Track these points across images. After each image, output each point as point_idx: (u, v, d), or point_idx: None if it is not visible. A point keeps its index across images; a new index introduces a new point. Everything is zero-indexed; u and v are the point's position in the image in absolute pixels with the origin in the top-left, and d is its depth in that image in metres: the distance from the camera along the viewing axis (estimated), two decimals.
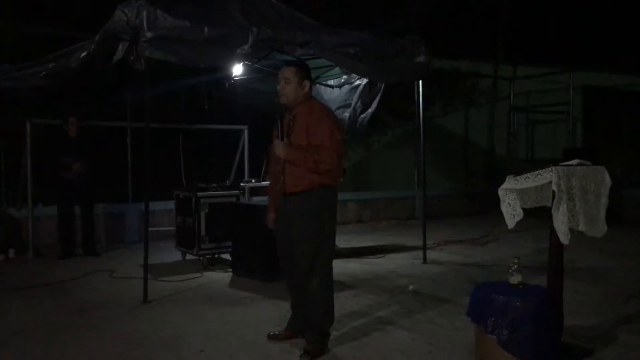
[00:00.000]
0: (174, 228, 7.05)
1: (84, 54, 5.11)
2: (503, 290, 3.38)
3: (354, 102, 7.21)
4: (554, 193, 3.40)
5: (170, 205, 7.25)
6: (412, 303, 4.99)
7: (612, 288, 5.45)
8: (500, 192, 3.63)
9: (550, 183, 3.40)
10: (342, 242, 7.85)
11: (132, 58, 4.86)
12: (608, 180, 3.70)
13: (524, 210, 3.59)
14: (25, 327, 4.39)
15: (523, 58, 13.95)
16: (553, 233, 3.47)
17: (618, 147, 12.86)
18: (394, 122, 11.76)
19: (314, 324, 3.76)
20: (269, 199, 3.97)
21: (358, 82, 7.16)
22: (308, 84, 3.84)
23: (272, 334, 4.03)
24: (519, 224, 3.66)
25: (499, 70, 13.72)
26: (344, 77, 7.29)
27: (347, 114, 7.30)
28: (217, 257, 6.73)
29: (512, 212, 3.60)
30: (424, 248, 6.92)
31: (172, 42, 4.85)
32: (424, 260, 6.81)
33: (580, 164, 3.63)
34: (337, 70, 7.06)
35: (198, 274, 6.16)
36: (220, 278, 6.04)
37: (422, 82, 6.73)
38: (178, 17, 4.80)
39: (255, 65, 6.94)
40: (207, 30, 4.85)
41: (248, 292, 5.41)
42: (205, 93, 7.85)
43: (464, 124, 13.41)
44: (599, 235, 3.63)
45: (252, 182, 7.26)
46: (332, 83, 7.51)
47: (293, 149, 3.68)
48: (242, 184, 7.25)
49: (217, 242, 6.56)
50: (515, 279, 3.47)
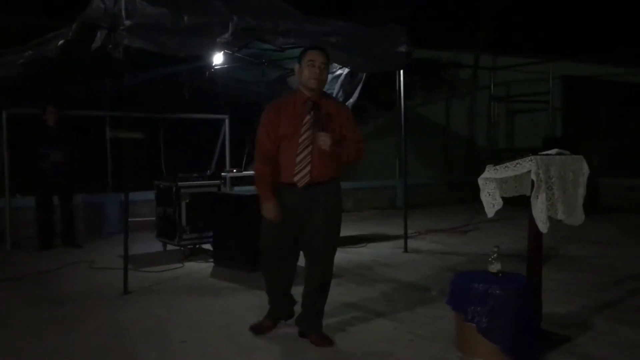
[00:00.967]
0: (155, 218, 7.00)
1: (62, 42, 5.03)
2: (483, 279, 3.41)
3: (336, 91, 7.21)
4: (533, 182, 3.43)
5: (151, 196, 7.19)
6: (393, 292, 5.03)
7: (589, 275, 5.54)
8: (480, 181, 3.66)
9: (530, 172, 3.43)
10: None
11: (110, 46, 4.79)
12: (586, 170, 3.74)
13: (504, 199, 3.63)
14: (3, 320, 4.33)
15: (503, 48, 14.04)
16: (532, 222, 3.51)
17: (596, 136, 13.03)
18: (376, 111, 11.78)
19: (320, 312, 3.86)
20: (265, 188, 3.66)
21: (339, 71, 7.15)
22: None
23: (254, 326, 4.00)
24: (499, 213, 3.70)
25: (480, 61, 13.79)
26: None
27: None
28: (198, 247, 6.70)
29: (491, 201, 3.63)
30: (405, 237, 6.97)
31: (151, 30, 4.79)
32: (405, 249, 6.86)
33: (559, 154, 3.67)
34: None
35: (179, 265, 6.13)
36: (202, 268, 6.02)
37: (403, 71, 6.74)
38: (157, 5, 4.73)
39: (236, 54, 6.89)
40: (186, 19, 4.80)
41: (230, 282, 5.40)
42: (186, 82, 7.79)
43: (445, 114, 13.48)
44: (577, 224, 3.68)
45: (233, 171, 7.23)
46: None
47: (336, 141, 3.60)
48: (223, 174, 7.21)
49: (198, 232, 6.53)
50: (495, 268, 3.50)
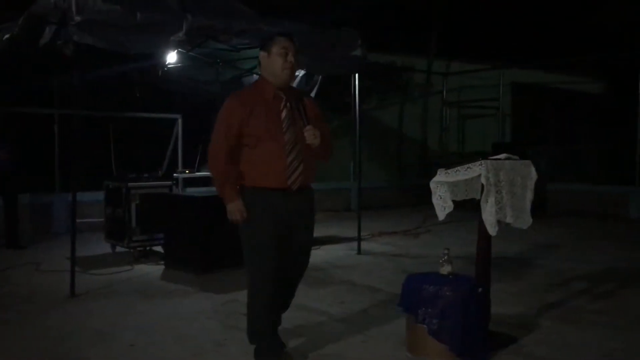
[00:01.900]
0: (104, 219, 6.83)
1: (7, 37, 4.86)
2: (433, 281, 3.47)
3: None
4: (483, 186, 3.51)
5: (100, 196, 7.02)
6: (346, 294, 5.05)
7: (536, 277, 5.70)
8: (432, 184, 3.72)
9: (480, 176, 3.51)
10: None
11: (60, 42, 4.66)
12: (534, 174, 3.85)
13: (455, 202, 3.69)
14: None
15: (456, 54, 14.33)
16: (481, 225, 3.58)
17: (544, 142, 13.44)
18: (331, 114, 11.83)
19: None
20: (230, 188, 3.30)
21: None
22: None
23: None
24: (451, 216, 3.76)
25: (433, 66, 14.03)
26: None
27: None
28: (148, 249, 6.57)
29: (443, 204, 3.69)
30: (359, 239, 7.01)
31: (102, 27, 4.68)
32: (359, 251, 6.91)
33: (508, 158, 3.76)
34: None
35: (128, 267, 6.00)
36: (152, 271, 5.90)
37: (358, 75, 6.79)
38: (109, 1, 4.62)
39: (190, 54, 6.80)
40: (139, 16, 4.71)
41: (181, 284, 5.32)
42: (138, 80, 7.64)
43: (399, 118, 13.65)
44: (525, 227, 3.78)
45: (186, 172, 7.13)
46: None
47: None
48: (175, 175, 7.10)
49: (148, 234, 6.40)
50: (446, 270, 3.56)
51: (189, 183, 8.08)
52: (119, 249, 6.61)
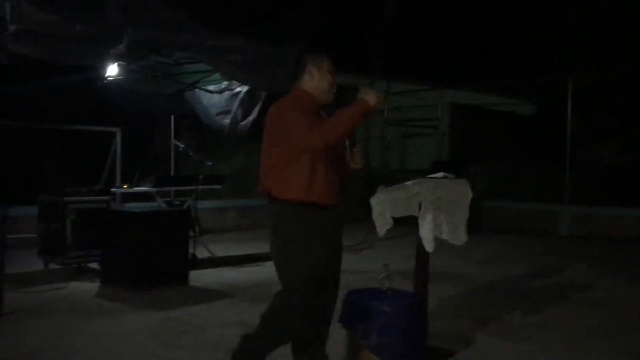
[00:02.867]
0: (37, 235, 6.57)
1: None
2: (373, 296, 3.52)
3: (235, 108, 7.20)
4: (421, 203, 3.60)
5: (34, 211, 6.75)
6: None
7: (472, 292, 5.86)
8: (372, 201, 3.79)
9: (418, 194, 3.61)
10: (220, 250, 7.75)
11: None
12: (469, 192, 3.97)
13: (395, 219, 3.77)
14: None
15: (398, 75, 14.68)
16: (419, 241, 3.68)
17: (480, 161, 13.88)
18: None
19: None
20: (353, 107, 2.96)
21: (239, 89, 7.15)
22: None
23: None
24: (392, 232, 3.83)
25: (375, 85, 14.30)
26: (225, 83, 7.24)
27: (227, 121, 7.26)
28: (84, 266, 6.36)
29: (383, 220, 3.77)
30: None
31: (40, 37, 4.55)
32: None
33: (445, 177, 3.88)
34: (217, 76, 6.99)
35: (63, 284, 5.79)
36: (88, 288, 5.72)
37: None
38: (47, 11, 4.51)
39: (132, 66, 6.69)
40: (78, 28, 4.61)
41: (118, 302, 5.17)
42: (77, 92, 7.44)
43: None
44: (461, 243, 3.88)
45: (124, 187, 6.95)
46: (212, 88, 7.42)
47: None
48: (113, 190, 6.92)
49: (84, 250, 6.20)
50: (385, 285, 3.62)
51: (128, 198, 7.89)
52: (53, 266, 6.37)
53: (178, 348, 3.85)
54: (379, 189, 3.77)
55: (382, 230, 3.76)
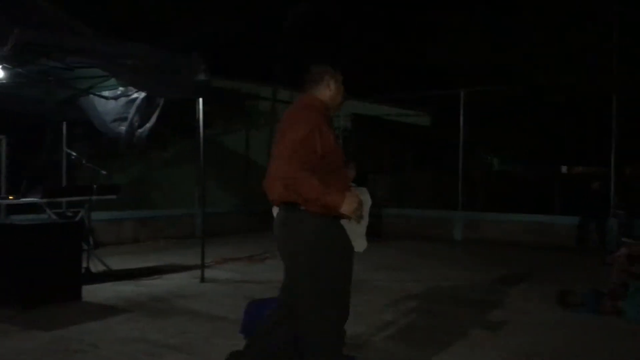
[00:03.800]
0: None
1: None
2: (275, 306, 3.49)
3: (131, 115, 6.94)
4: None
5: None
6: (187, 324, 4.90)
7: (372, 298, 5.98)
8: (274, 211, 3.76)
9: None
10: (116, 263, 7.42)
11: None
12: (369, 200, 4.06)
13: None
14: None
15: (300, 84, 14.82)
16: None
17: (381, 170, 14.31)
18: (175, 138, 11.56)
19: None
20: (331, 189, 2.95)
21: (136, 95, 6.90)
22: None
23: None
24: None
25: (278, 94, 14.36)
26: (121, 89, 6.96)
27: (123, 128, 6.99)
28: None
29: None
30: (202, 267, 6.87)
31: None
32: (202, 279, 6.76)
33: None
34: (113, 81, 6.71)
35: None
36: None
37: (202, 99, 6.73)
38: None
39: (19, 70, 6.26)
40: None
41: (1, 322, 4.79)
42: None
43: (245, 144, 13.73)
44: (361, 250, 3.93)
45: (9, 198, 6.48)
46: (107, 94, 7.11)
47: None
48: None
49: None
50: None
51: (15, 210, 7.38)
52: None
53: None
54: None
55: None
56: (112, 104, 7.10)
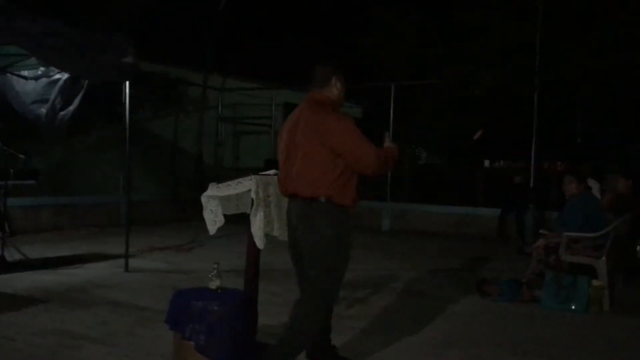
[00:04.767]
0: None
1: None
2: (202, 296, 3.44)
3: (53, 97, 6.61)
4: (253, 200, 3.59)
5: None
6: (109, 314, 4.74)
7: (296, 287, 5.99)
8: (203, 199, 3.70)
9: (250, 191, 3.59)
10: (34, 252, 7.09)
11: None
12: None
13: (227, 217, 3.72)
14: None
15: (232, 71, 14.62)
16: (250, 238, 3.66)
17: None
18: (101, 122, 11.12)
19: None
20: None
21: (58, 76, 6.58)
22: None
23: None
24: (225, 230, 3.77)
25: (209, 81, 14.10)
26: (42, 69, 6.62)
27: (43, 110, 6.66)
28: None
29: (214, 218, 3.70)
30: (127, 256, 6.66)
31: None
32: (126, 269, 6.56)
33: (277, 174, 3.90)
34: (33, 61, 6.37)
35: None
36: None
37: (129, 83, 6.50)
38: None
39: None
40: None
41: None
42: None
43: (173, 130, 13.41)
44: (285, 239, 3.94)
45: None
46: (26, 74, 6.75)
47: None
48: None
49: None
50: (214, 284, 3.55)
51: None
52: None
53: None
54: (210, 186, 3.69)
55: (213, 229, 3.69)
56: (31, 85, 6.75)
